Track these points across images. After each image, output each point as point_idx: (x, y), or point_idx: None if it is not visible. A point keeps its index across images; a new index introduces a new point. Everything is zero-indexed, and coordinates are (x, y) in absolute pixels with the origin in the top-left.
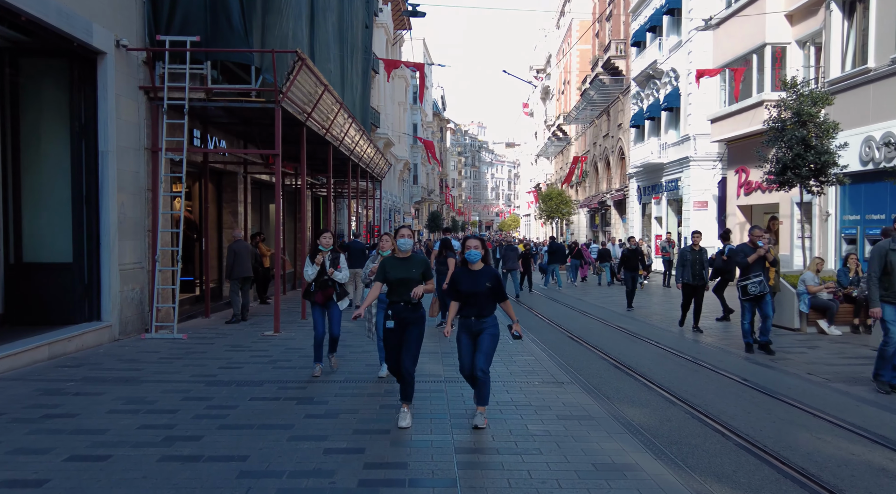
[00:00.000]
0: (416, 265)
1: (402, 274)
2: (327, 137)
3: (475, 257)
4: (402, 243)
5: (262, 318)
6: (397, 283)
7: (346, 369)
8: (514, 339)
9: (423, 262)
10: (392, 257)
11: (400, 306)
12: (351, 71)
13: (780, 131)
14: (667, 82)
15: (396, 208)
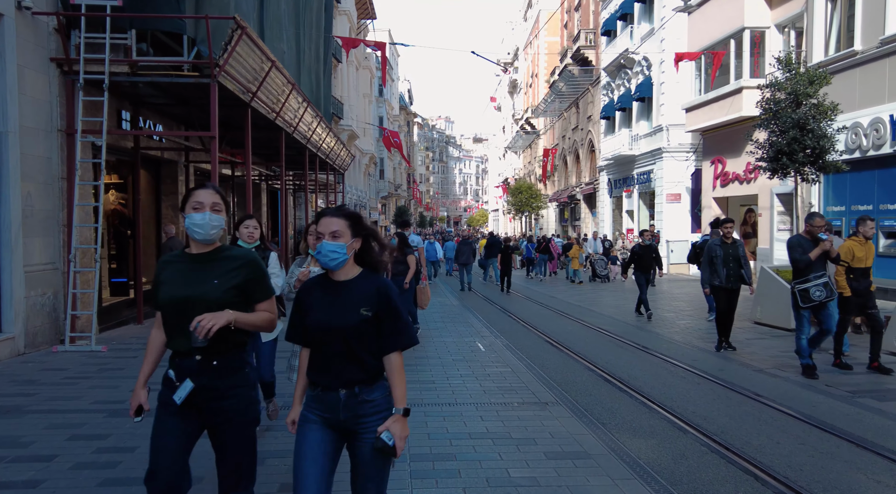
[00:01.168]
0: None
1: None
2: (278, 121)
3: (328, 255)
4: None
5: None
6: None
7: None
8: (378, 452)
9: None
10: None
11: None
12: (309, 55)
13: (774, 114)
14: (638, 72)
15: (362, 202)
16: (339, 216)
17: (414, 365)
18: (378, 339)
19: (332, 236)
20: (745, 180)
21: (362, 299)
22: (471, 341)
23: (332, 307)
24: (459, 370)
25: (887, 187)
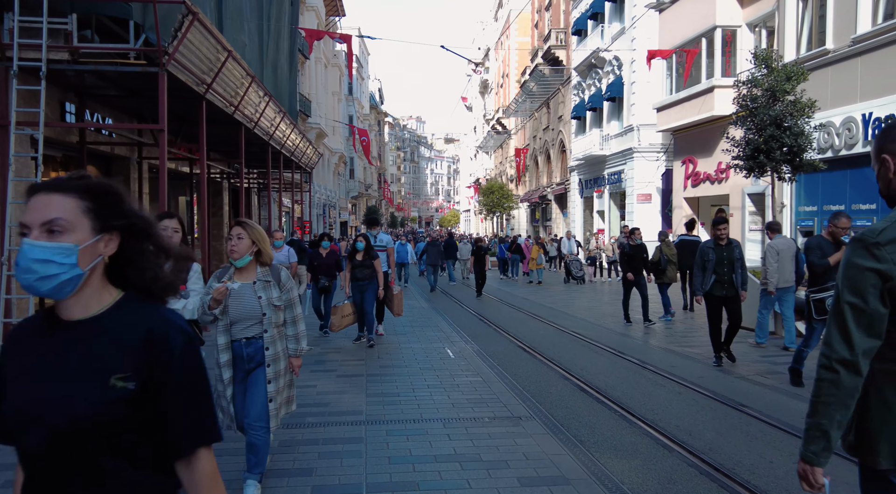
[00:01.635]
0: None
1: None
2: (237, 115)
3: (32, 271)
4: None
5: None
6: None
7: None
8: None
9: None
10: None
11: None
12: (273, 49)
13: (751, 111)
14: (609, 71)
15: (331, 202)
16: (66, 192)
17: (378, 375)
18: (155, 434)
19: (46, 231)
20: (717, 180)
21: (115, 356)
22: (440, 347)
23: (52, 376)
24: (427, 381)
25: (859, 187)
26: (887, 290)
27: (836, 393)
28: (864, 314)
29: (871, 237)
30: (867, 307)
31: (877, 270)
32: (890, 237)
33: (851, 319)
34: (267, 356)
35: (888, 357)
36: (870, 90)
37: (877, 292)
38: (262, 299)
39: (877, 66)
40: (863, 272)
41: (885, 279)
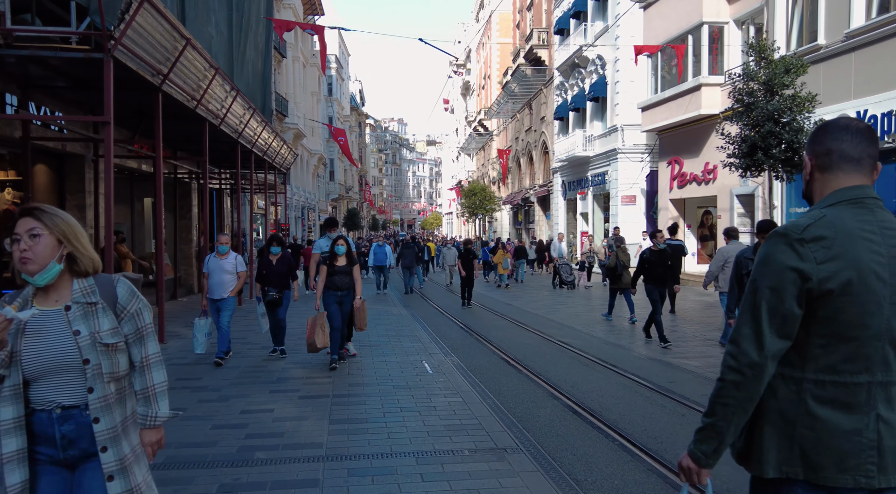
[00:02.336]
0: None
1: None
2: (200, 110)
3: None
4: None
5: None
6: None
7: None
8: None
9: None
10: None
11: None
12: (244, 44)
13: (747, 106)
14: (592, 71)
15: (311, 205)
16: None
17: (345, 396)
18: None
19: None
20: (704, 181)
21: None
22: (417, 360)
23: None
24: (400, 402)
25: None
26: (805, 291)
27: (738, 396)
28: (778, 313)
29: (796, 233)
30: (782, 307)
31: (798, 268)
32: (815, 235)
33: (766, 318)
34: (98, 435)
35: (786, 361)
36: (864, 87)
37: (795, 291)
38: (80, 336)
39: (872, 61)
40: (783, 270)
41: (804, 279)
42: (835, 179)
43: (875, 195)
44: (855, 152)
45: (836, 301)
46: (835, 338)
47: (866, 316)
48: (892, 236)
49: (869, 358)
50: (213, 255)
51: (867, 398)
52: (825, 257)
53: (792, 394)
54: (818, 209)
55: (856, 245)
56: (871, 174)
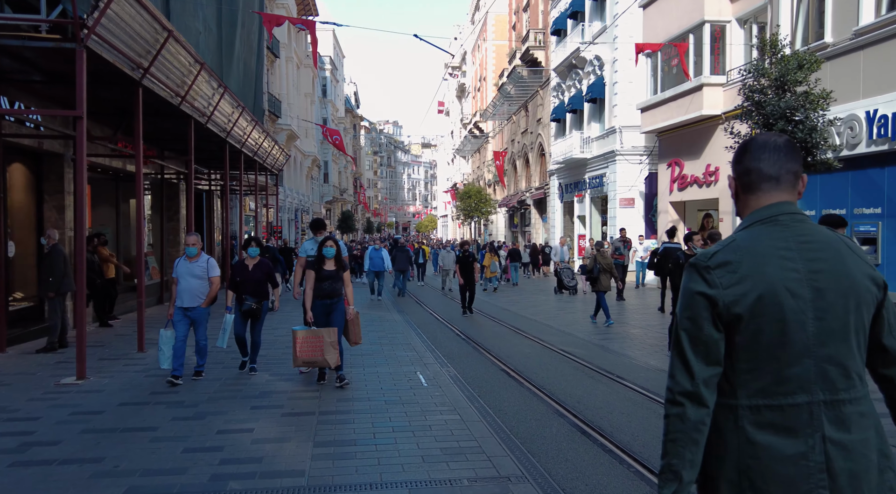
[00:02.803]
0: None
1: None
2: (184, 107)
3: None
4: None
5: (96, 348)
6: None
7: None
8: None
9: None
10: None
11: None
12: (235, 41)
13: (758, 103)
14: (590, 72)
15: (304, 207)
16: None
17: (333, 414)
18: None
19: None
20: (705, 183)
21: None
22: (411, 371)
23: None
24: (392, 420)
25: (862, 190)
26: (717, 315)
27: (683, 428)
28: (699, 340)
29: (703, 261)
30: (701, 334)
31: (706, 294)
32: (720, 261)
33: (689, 347)
34: None
35: (719, 390)
36: (873, 86)
37: (709, 317)
38: None
39: (882, 60)
40: (694, 297)
41: (713, 305)
42: (755, 199)
43: (793, 211)
44: (773, 170)
45: (750, 324)
46: (759, 361)
47: (786, 335)
48: (812, 250)
49: (801, 378)
50: (183, 258)
51: (809, 420)
52: (730, 281)
53: (730, 423)
54: (734, 234)
55: (765, 265)
56: (793, 190)
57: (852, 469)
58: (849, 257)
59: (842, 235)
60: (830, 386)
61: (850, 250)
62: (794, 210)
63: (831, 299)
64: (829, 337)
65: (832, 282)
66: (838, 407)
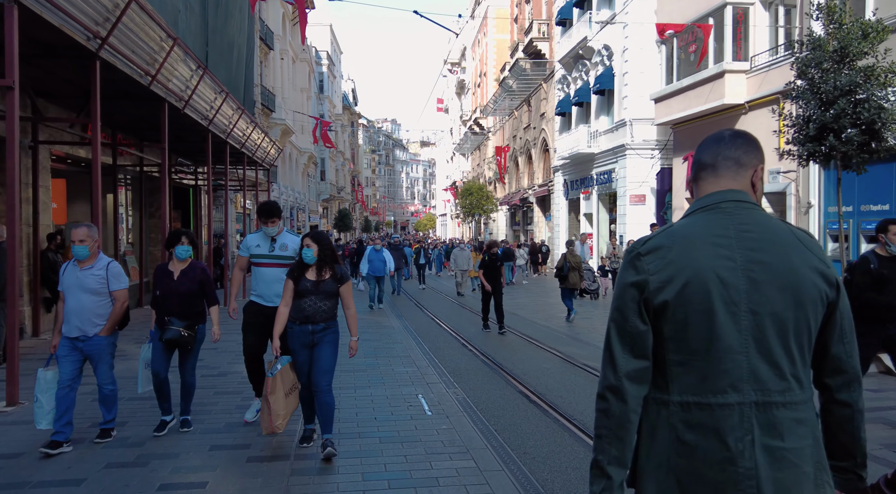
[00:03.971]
0: None
1: None
2: (156, 89)
3: None
4: None
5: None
6: None
7: None
8: None
9: None
10: None
11: None
12: (223, 25)
13: (813, 81)
14: (598, 62)
15: (300, 205)
16: None
17: (310, 459)
18: None
19: None
20: None
21: None
22: (411, 394)
23: None
24: (388, 468)
25: None
26: (643, 301)
27: (608, 424)
28: (625, 332)
29: (637, 248)
30: (627, 325)
31: (634, 282)
32: (653, 246)
33: (616, 339)
34: None
35: (654, 383)
36: None
37: (635, 307)
38: None
39: None
40: (624, 287)
41: (640, 291)
42: (700, 190)
43: (739, 198)
44: (709, 158)
45: (677, 312)
46: (689, 354)
47: (715, 327)
48: (752, 240)
49: (731, 374)
50: (71, 263)
51: (740, 421)
52: (658, 267)
53: (663, 420)
54: (677, 220)
55: (696, 250)
56: (738, 177)
57: (782, 480)
58: (796, 251)
59: (795, 227)
60: (762, 387)
61: (800, 242)
62: (741, 198)
63: (769, 292)
64: (764, 333)
65: (771, 275)
66: (770, 410)
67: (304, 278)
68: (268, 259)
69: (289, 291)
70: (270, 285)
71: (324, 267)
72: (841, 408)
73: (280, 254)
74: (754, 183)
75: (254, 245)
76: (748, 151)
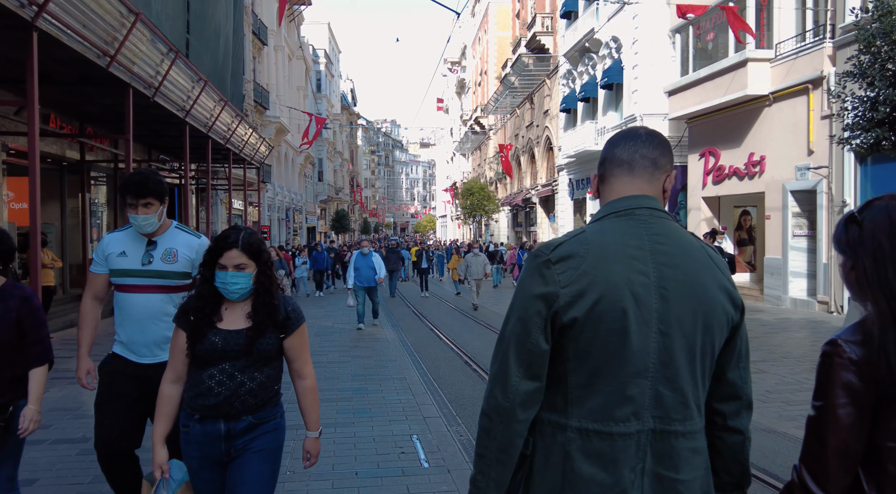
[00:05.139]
0: None
1: None
2: (116, 71)
3: None
4: None
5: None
6: None
7: None
8: None
9: None
10: None
11: None
12: (210, 12)
13: (877, 56)
14: (606, 55)
15: (297, 206)
16: None
17: None
18: None
19: None
20: (747, 175)
21: None
22: (403, 433)
23: None
24: None
25: None
26: (551, 320)
27: (490, 445)
28: (524, 348)
29: (545, 253)
30: (528, 341)
31: (542, 294)
32: (564, 253)
33: (512, 354)
34: None
35: (552, 404)
36: None
37: (541, 322)
38: None
39: None
40: (529, 297)
41: (549, 306)
42: (611, 189)
43: (653, 206)
44: (626, 155)
45: (585, 330)
46: (593, 376)
47: (625, 348)
48: (665, 254)
49: (636, 401)
50: None
51: (636, 451)
52: (570, 278)
53: (558, 446)
54: (587, 225)
55: (610, 264)
56: (652, 180)
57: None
58: (707, 269)
59: (707, 243)
60: (664, 414)
61: (711, 260)
62: (655, 206)
63: (679, 312)
64: (672, 357)
65: (682, 293)
66: (668, 440)
67: (212, 329)
68: (140, 278)
69: (179, 352)
70: (144, 326)
71: (260, 306)
72: (733, 435)
73: (162, 270)
74: (665, 189)
75: (114, 252)
76: (664, 153)
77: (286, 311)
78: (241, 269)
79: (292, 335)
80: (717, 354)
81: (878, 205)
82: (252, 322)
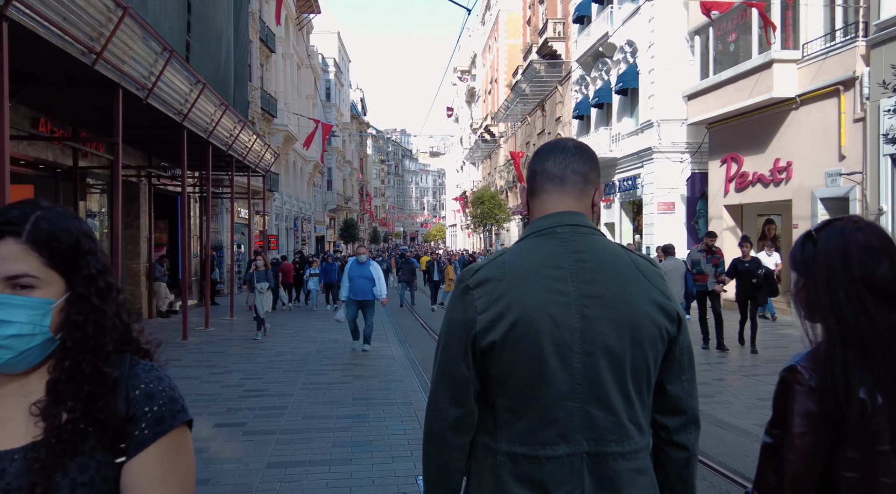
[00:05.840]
0: None
1: None
2: (103, 68)
3: None
4: None
5: None
6: None
7: None
8: None
9: None
10: None
11: None
12: (209, 13)
13: None
14: (620, 60)
15: (305, 215)
16: None
17: None
18: None
19: None
20: (773, 182)
21: None
22: (407, 473)
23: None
24: None
25: None
26: (471, 342)
27: (430, 469)
28: (448, 375)
29: (466, 278)
30: (452, 368)
31: (462, 321)
32: (481, 278)
33: (440, 381)
34: None
35: (484, 427)
36: None
37: (461, 350)
38: None
39: None
40: (452, 325)
41: (467, 331)
42: (539, 205)
43: (577, 222)
44: (557, 169)
45: (504, 354)
46: (517, 400)
47: (545, 371)
48: (587, 271)
49: (562, 424)
50: None
51: (569, 475)
52: (486, 303)
53: (489, 468)
54: (511, 246)
55: (527, 286)
56: (582, 196)
57: None
58: (634, 283)
59: (638, 255)
60: (597, 436)
61: (641, 273)
62: (579, 222)
63: (604, 330)
64: (599, 377)
65: (606, 311)
66: (605, 462)
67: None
68: None
69: None
70: None
71: (67, 384)
72: (677, 451)
73: None
74: (595, 203)
75: None
76: (594, 167)
77: (139, 398)
78: (23, 287)
79: (142, 456)
80: (657, 369)
81: (836, 225)
82: (45, 427)
